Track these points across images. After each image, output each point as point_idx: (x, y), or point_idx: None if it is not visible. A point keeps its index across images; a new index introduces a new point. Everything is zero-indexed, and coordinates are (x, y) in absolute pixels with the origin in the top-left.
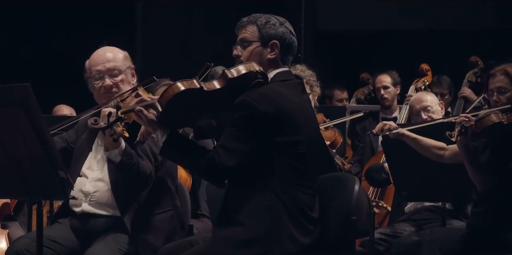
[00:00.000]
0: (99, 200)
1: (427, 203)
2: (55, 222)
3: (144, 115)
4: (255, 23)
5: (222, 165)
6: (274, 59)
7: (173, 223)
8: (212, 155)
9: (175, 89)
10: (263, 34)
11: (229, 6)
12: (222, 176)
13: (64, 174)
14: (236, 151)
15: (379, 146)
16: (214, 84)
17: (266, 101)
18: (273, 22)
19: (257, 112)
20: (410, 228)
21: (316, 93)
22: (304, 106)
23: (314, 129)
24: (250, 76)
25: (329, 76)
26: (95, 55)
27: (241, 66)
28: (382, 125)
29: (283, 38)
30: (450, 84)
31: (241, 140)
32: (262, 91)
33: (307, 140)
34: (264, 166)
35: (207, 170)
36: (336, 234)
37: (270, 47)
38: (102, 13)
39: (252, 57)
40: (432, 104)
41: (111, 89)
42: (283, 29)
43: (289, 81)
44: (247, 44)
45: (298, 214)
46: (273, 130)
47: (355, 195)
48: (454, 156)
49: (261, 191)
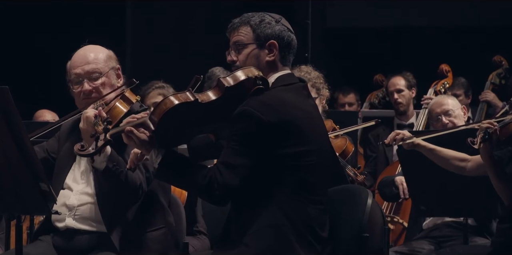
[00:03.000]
0: (84, 214)
1: (447, 219)
2: (36, 239)
3: (135, 136)
4: (248, 23)
5: (225, 183)
6: (274, 61)
7: (166, 242)
8: (213, 173)
9: (168, 104)
10: (259, 35)
11: (228, 4)
12: (226, 196)
13: (46, 186)
14: (239, 167)
15: (394, 155)
16: (209, 96)
17: (269, 110)
18: (268, 20)
19: (260, 122)
20: (428, 246)
21: (324, 97)
22: (311, 113)
23: (323, 137)
24: (249, 83)
25: (339, 78)
26: (75, 56)
27: (238, 72)
28: (395, 135)
29: (280, 36)
30: (466, 85)
31: (244, 154)
32: (263, 99)
33: (315, 150)
34: (270, 181)
35: (209, 190)
36: (347, 252)
37: (267, 48)
38: (90, 12)
39: (249, 61)
40: (454, 108)
41: (91, 94)
42: (280, 27)
43: (293, 85)
44: (242, 47)
45: (307, 233)
46: (278, 141)
47: (367, 209)
48: (478, 168)
49: (267, 208)
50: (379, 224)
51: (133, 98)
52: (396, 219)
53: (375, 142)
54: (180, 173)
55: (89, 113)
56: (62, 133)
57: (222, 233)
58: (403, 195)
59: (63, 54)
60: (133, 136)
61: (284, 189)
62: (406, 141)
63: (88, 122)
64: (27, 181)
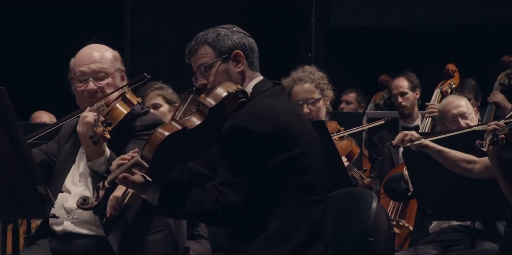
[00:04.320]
0: (82, 217)
1: (454, 222)
2: (33, 243)
3: (130, 180)
4: (206, 42)
5: (230, 203)
6: (243, 71)
7: (166, 245)
8: (215, 196)
9: (157, 138)
10: (220, 50)
11: (229, 4)
12: (232, 216)
13: (43, 189)
14: (239, 184)
15: (400, 158)
16: (194, 121)
17: (259, 120)
18: (224, 32)
19: (254, 134)
20: (434, 250)
21: (328, 98)
22: (297, 114)
23: (312, 136)
24: (231, 98)
25: (344, 78)
26: (81, 53)
27: (217, 90)
28: (403, 136)
29: (242, 44)
30: (475, 87)
31: (241, 170)
32: (249, 110)
33: (309, 151)
34: (271, 191)
35: (215, 215)
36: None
37: (233, 59)
38: (89, 12)
39: (218, 79)
40: (469, 110)
41: (95, 94)
42: (237, 35)
43: (271, 90)
44: (209, 68)
45: (310, 235)
46: (274, 149)
47: (372, 213)
48: (485, 170)
49: (268, 217)
50: (384, 228)
51: (134, 100)
52: (402, 223)
53: (380, 144)
54: (181, 206)
55: (89, 117)
56: (62, 135)
57: (228, 244)
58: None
59: (61, 54)
60: (128, 181)
61: (286, 195)
62: (414, 142)
63: (88, 125)
64: (24, 183)
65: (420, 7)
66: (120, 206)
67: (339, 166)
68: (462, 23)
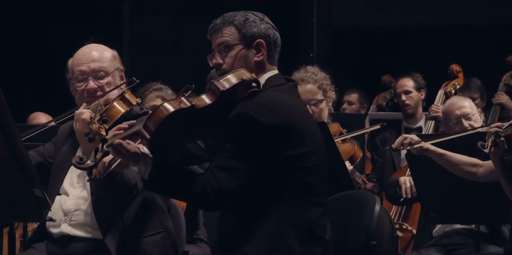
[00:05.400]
0: (80, 220)
1: (458, 226)
2: (30, 247)
3: (125, 148)
4: (232, 23)
5: (222, 188)
6: (262, 61)
7: (165, 247)
8: (207, 178)
9: (164, 111)
10: (245, 34)
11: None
12: (221, 201)
13: (40, 192)
14: (236, 171)
15: (402, 160)
16: (204, 100)
17: (269, 112)
18: (252, 19)
19: (260, 125)
20: (438, 254)
21: (330, 99)
22: (306, 113)
23: (318, 137)
24: (243, 85)
25: (346, 78)
26: (79, 53)
27: (230, 75)
28: (402, 139)
29: (267, 35)
30: (481, 87)
31: (241, 158)
32: (261, 101)
33: (314, 151)
34: (269, 186)
35: (204, 197)
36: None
37: (255, 48)
38: (88, 12)
39: (237, 63)
40: (473, 112)
41: (95, 93)
42: (265, 25)
43: (284, 85)
44: (228, 48)
45: (308, 237)
46: (279, 144)
47: (375, 216)
48: (489, 174)
49: (266, 215)
50: (387, 232)
51: (133, 100)
52: (405, 226)
53: (382, 146)
54: (171, 183)
55: (84, 114)
56: (59, 137)
57: (218, 241)
58: (405, 194)
59: (60, 55)
60: (123, 148)
61: (286, 194)
62: (414, 146)
63: (83, 122)
64: (21, 186)
65: (422, 7)
66: (106, 171)
67: (340, 168)
68: (468, 23)
